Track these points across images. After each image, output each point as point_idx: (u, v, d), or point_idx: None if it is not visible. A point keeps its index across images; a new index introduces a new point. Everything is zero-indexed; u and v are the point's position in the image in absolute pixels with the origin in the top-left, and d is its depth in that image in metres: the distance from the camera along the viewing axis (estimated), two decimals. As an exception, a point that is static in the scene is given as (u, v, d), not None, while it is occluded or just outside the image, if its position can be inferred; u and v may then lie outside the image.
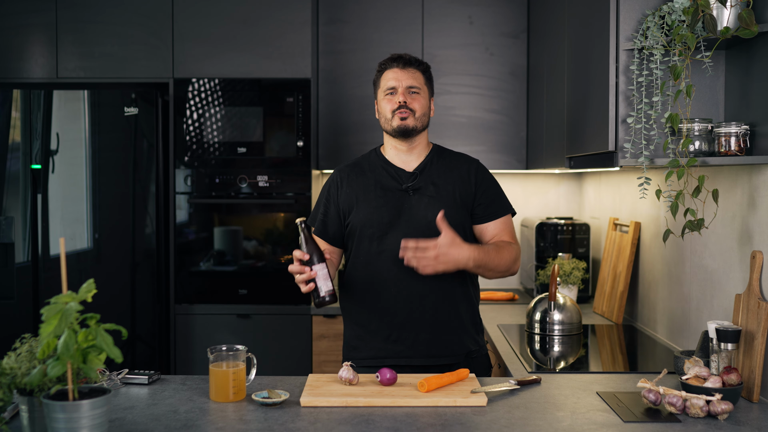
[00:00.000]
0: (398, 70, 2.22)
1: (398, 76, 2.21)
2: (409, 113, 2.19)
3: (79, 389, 1.43)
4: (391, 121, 2.20)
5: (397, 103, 2.19)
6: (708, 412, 1.72)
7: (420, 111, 2.21)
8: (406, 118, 2.18)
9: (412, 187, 2.20)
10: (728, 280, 2.16)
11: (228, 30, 3.52)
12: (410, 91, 2.21)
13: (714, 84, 2.16)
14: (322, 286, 2.01)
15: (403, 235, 2.13)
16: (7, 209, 3.41)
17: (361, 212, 2.20)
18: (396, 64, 2.23)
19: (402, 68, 2.22)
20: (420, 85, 2.23)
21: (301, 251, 2.01)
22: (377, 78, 2.28)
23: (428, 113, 2.26)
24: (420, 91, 2.22)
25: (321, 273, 2.01)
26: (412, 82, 2.21)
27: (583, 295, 3.49)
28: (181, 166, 3.51)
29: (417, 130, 2.21)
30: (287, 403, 1.81)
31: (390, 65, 2.24)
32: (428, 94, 2.27)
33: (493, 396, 1.87)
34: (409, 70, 2.22)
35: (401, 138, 2.21)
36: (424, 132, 2.26)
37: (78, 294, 1.40)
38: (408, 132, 2.20)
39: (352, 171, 2.29)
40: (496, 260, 2.12)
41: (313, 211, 2.35)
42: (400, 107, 2.19)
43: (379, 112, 2.27)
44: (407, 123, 2.19)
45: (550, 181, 4.07)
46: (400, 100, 2.19)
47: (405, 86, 2.20)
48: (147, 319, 3.43)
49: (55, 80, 3.54)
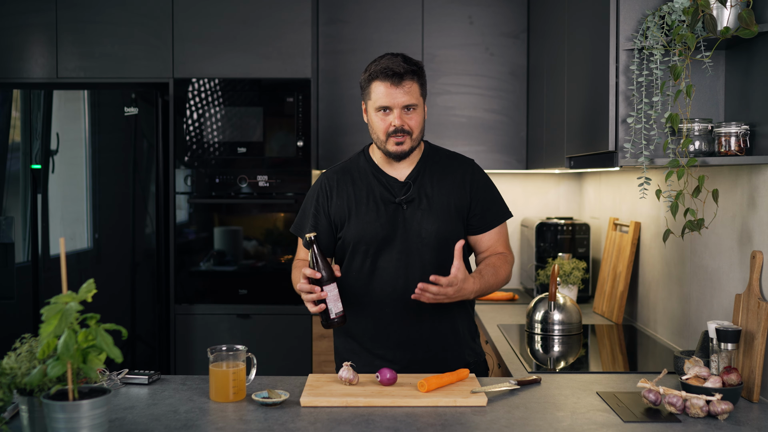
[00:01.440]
0: (392, 87, 2.00)
1: (393, 93, 2.00)
2: (405, 137, 2.03)
3: (79, 389, 1.43)
4: (385, 144, 2.05)
5: (393, 126, 2.02)
6: (708, 412, 1.72)
7: (417, 129, 2.05)
8: (403, 143, 2.03)
9: (406, 200, 2.09)
10: (728, 280, 2.16)
11: (228, 30, 3.52)
12: (406, 110, 2.03)
13: (714, 84, 2.15)
14: (332, 307, 1.93)
15: (398, 252, 2.08)
16: (7, 209, 3.41)
17: (354, 226, 2.09)
18: (388, 80, 2.00)
19: (396, 85, 2.00)
20: (416, 99, 2.04)
21: (312, 270, 1.91)
22: (365, 84, 2.07)
23: (424, 123, 2.09)
24: (417, 106, 2.04)
25: (332, 294, 1.92)
26: (408, 99, 2.02)
27: (583, 295, 3.49)
28: (181, 166, 3.51)
29: (413, 149, 2.07)
30: (287, 403, 1.81)
31: (381, 78, 2.01)
32: (424, 101, 2.09)
33: (493, 396, 1.87)
34: (404, 84, 2.01)
35: (395, 160, 2.09)
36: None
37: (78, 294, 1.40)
38: (404, 156, 2.06)
39: (341, 178, 2.15)
40: (494, 286, 2.10)
41: (298, 219, 2.22)
42: (396, 131, 2.02)
43: (371, 127, 2.09)
44: (404, 148, 2.04)
45: (550, 181, 4.07)
46: (396, 124, 2.01)
47: (400, 106, 2.01)
48: (147, 319, 3.43)
49: (55, 80, 3.54)
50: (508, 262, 2.18)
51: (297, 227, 2.22)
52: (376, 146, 2.13)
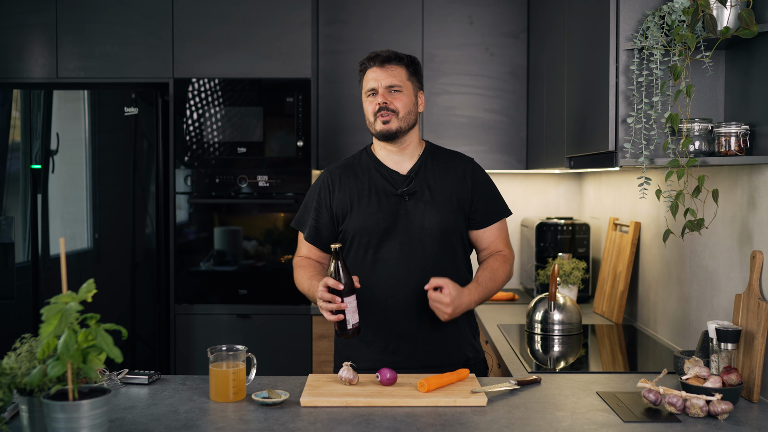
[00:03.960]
0: (377, 69, 2.12)
1: (377, 75, 2.11)
2: (390, 115, 2.09)
3: (79, 389, 1.43)
4: (374, 125, 2.12)
5: (378, 105, 2.10)
6: (708, 412, 1.72)
7: (403, 110, 2.11)
8: (389, 121, 2.09)
9: (408, 192, 2.13)
10: (728, 280, 2.16)
11: (228, 30, 3.52)
12: (391, 90, 2.11)
13: (714, 84, 2.15)
14: (350, 319, 1.93)
15: (400, 243, 2.10)
16: (7, 209, 3.41)
17: (356, 218, 2.12)
18: (374, 63, 2.12)
19: (381, 66, 2.12)
20: (401, 82, 2.12)
21: (336, 281, 1.91)
22: (360, 78, 2.19)
23: (415, 110, 2.15)
24: (402, 89, 2.12)
25: (351, 306, 1.93)
26: (392, 80, 2.11)
27: (583, 295, 3.49)
28: (181, 166, 3.51)
29: (402, 131, 2.12)
30: (287, 403, 1.81)
31: (369, 64, 2.14)
32: (414, 89, 2.16)
33: (493, 396, 1.87)
34: (388, 67, 2.12)
35: (385, 141, 2.14)
36: (413, 130, 2.16)
37: (78, 294, 1.40)
38: (391, 135, 2.11)
39: (343, 173, 2.19)
40: (493, 290, 2.14)
41: (300, 214, 2.26)
42: (380, 109, 2.10)
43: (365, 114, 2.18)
44: (390, 126, 2.10)
45: (550, 181, 4.07)
46: (380, 101, 2.10)
47: (384, 86, 2.10)
48: (147, 319, 3.43)
49: (55, 80, 3.54)
50: (508, 261, 2.19)
51: (298, 221, 2.26)
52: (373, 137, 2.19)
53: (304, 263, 2.21)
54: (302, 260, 2.23)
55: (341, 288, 1.91)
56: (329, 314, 1.93)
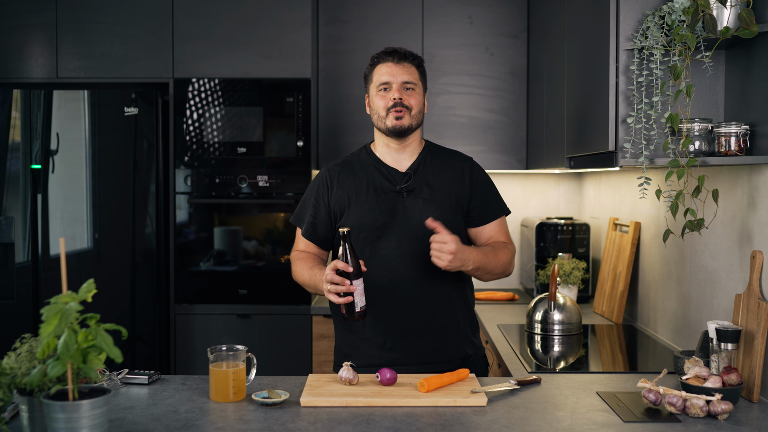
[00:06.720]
0: (393, 65, 2.12)
1: (393, 71, 2.12)
2: (404, 111, 2.11)
3: (79, 389, 1.43)
4: (385, 120, 2.12)
5: (392, 100, 2.11)
6: (708, 412, 1.72)
7: (416, 108, 2.13)
8: (402, 117, 2.11)
9: (406, 189, 2.14)
10: (728, 280, 2.16)
11: (228, 30, 3.52)
12: (406, 87, 2.12)
13: (714, 84, 2.15)
14: (358, 301, 1.94)
15: (397, 240, 2.10)
16: (7, 209, 3.41)
17: (354, 214, 2.13)
18: (391, 59, 2.13)
19: (397, 63, 2.13)
20: (415, 81, 2.14)
21: (344, 263, 1.92)
22: (369, 72, 2.18)
23: (423, 110, 2.17)
24: (415, 87, 2.14)
25: (359, 288, 1.94)
26: (408, 77, 2.13)
27: (583, 295, 3.49)
28: (181, 166, 3.51)
29: (412, 128, 2.14)
30: (287, 403, 1.81)
31: (384, 59, 2.14)
32: (423, 89, 2.18)
33: (493, 396, 1.87)
34: (404, 64, 2.13)
35: (395, 137, 2.15)
36: (418, 130, 2.18)
37: (78, 294, 1.40)
38: (403, 132, 2.13)
39: (342, 170, 2.20)
40: (493, 262, 2.10)
41: (298, 210, 2.27)
42: (395, 105, 2.10)
43: (371, 109, 2.17)
44: (403, 123, 2.11)
45: (550, 181, 4.07)
46: (396, 96, 2.10)
47: (400, 82, 2.11)
48: (147, 319, 3.43)
49: (55, 80, 3.54)
50: (509, 249, 2.19)
51: (296, 217, 2.27)
52: (377, 133, 2.20)
53: (302, 256, 2.23)
54: (300, 254, 2.25)
55: (350, 270, 1.92)
56: (336, 297, 1.93)
